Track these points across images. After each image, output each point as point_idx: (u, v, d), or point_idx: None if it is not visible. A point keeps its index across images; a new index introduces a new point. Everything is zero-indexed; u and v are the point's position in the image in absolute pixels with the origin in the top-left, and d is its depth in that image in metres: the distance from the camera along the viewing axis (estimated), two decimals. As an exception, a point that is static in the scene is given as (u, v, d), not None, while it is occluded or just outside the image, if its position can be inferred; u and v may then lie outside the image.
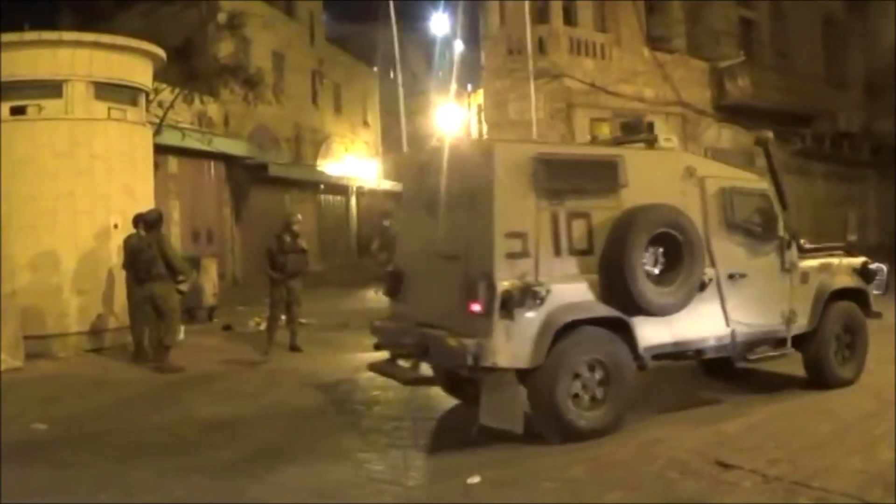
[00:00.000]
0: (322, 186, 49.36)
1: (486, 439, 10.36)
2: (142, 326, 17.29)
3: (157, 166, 22.80)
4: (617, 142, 13.02)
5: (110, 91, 19.36)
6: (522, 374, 10.50)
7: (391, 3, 35.22)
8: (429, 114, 48.23)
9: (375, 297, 19.23)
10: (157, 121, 24.86)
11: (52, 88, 18.80)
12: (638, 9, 35.57)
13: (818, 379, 13.30)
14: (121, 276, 17.83)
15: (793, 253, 13.10)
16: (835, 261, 13.98)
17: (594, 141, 14.27)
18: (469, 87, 37.61)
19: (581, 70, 32.99)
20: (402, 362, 11.74)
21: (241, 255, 37.74)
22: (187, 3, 27.52)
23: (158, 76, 22.40)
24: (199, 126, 30.27)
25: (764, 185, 13.21)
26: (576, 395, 10.70)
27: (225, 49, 29.77)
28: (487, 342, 10.11)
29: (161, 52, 20.66)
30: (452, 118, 37.77)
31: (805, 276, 13.20)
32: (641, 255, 10.97)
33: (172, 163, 32.70)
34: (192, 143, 29.95)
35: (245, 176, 38.47)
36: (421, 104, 55.20)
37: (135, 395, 14.35)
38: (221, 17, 28.44)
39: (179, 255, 17.35)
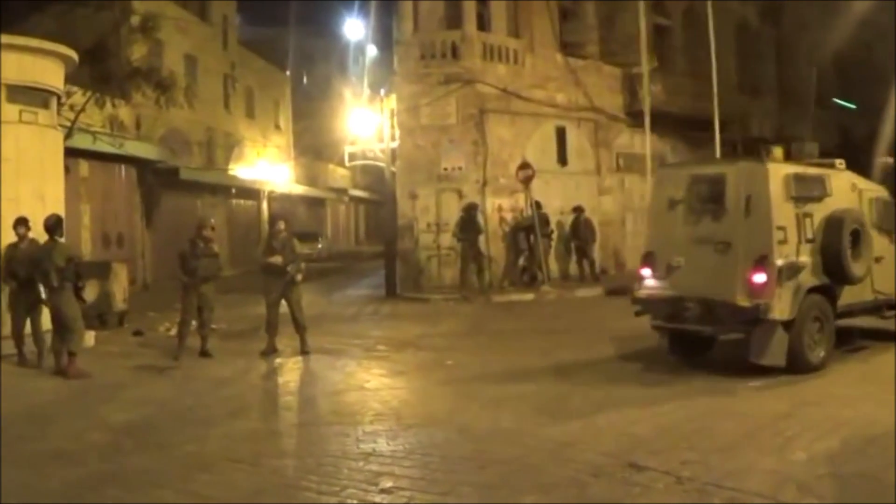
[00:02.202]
0: (234, 191, 49.25)
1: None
2: (22, 333, 17.15)
3: (67, 170, 22.55)
4: (810, 164, 16.66)
5: (21, 93, 19.07)
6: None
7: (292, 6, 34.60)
8: (342, 118, 48.16)
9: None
10: (69, 124, 24.59)
11: (-37, 91, 18.54)
12: (551, 14, 35.66)
13: None
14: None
15: None
16: None
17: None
18: (382, 91, 37.55)
19: (494, 75, 33.04)
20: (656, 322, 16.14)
21: (151, 259, 37.50)
22: (100, 5, 27.20)
23: (70, 79, 22.14)
24: (111, 129, 29.99)
25: (887, 194, 17.74)
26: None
27: (137, 52, 29.50)
28: (769, 302, 14.39)
29: (73, 55, 20.42)
30: (365, 122, 37.69)
31: None
32: (849, 243, 15.29)
33: (83, 166, 32.42)
34: (104, 146, 29.68)
35: (156, 180, 38.23)
36: (334, 108, 55.23)
37: (42, 403, 14.17)
38: (134, 20, 28.14)
39: (63, 261, 16.86)
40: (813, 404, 12.46)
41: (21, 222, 17.11)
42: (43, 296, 16.82)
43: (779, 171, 15.20)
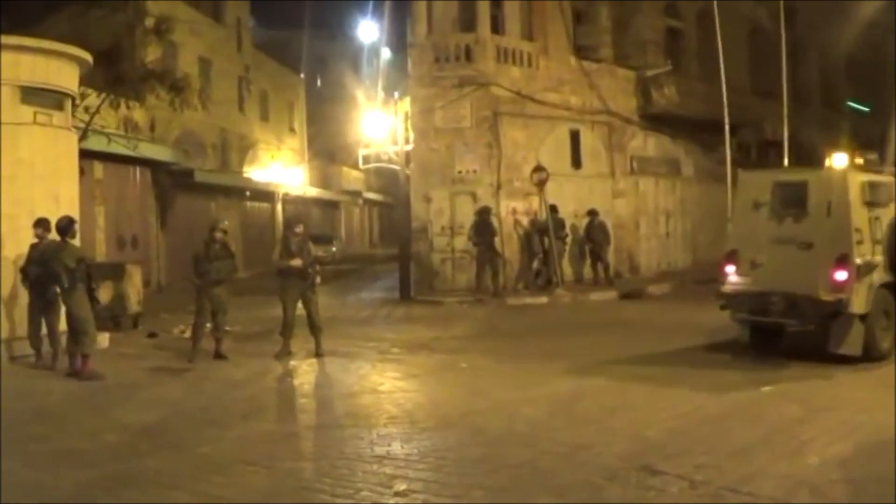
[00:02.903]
0: (248, 193, 49.28)
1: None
2: (38, 334, 17.19)
3: (82, 172, 22.55)
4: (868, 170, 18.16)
5: (36, 95, 19.09)
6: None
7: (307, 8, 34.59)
8: (356, 121, 48.16)
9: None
10: (83, 126, 24.61)
11: (-23, 92, 18.56)
12: (565, 18, 35.60)
13: None
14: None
15: None
16: None
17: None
18: (396, 94, 37.54)
19: (508, 78, 32.99)
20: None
21: (166, 261, 37.53)
22: (115, 7, 27.19)
23: (85, 80, 22.17)
24: (125, 131, 29.98)
25: None
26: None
27: (152, 54, 29.55)
28: (849, 297, 15.88)
29: (88, 57, 20.44)
30: (379, 125, 37.65)
31: None
32: None
33: (98, 168, 32.48)
34: (118, 148, 29.66)
35: (171, 182, 38.27)
36: (348, 111, 55.21)
37: (55, 404, 14.19)
38: (149, 22, 28.15)
39: (74, 262, 16.80)
40: (827, 409, 12.46)
41: (39, 223, 17.13)
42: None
43: (856, 178, 16.81)
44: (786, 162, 32.12)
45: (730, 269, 17.59)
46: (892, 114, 36.52)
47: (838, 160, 19.20)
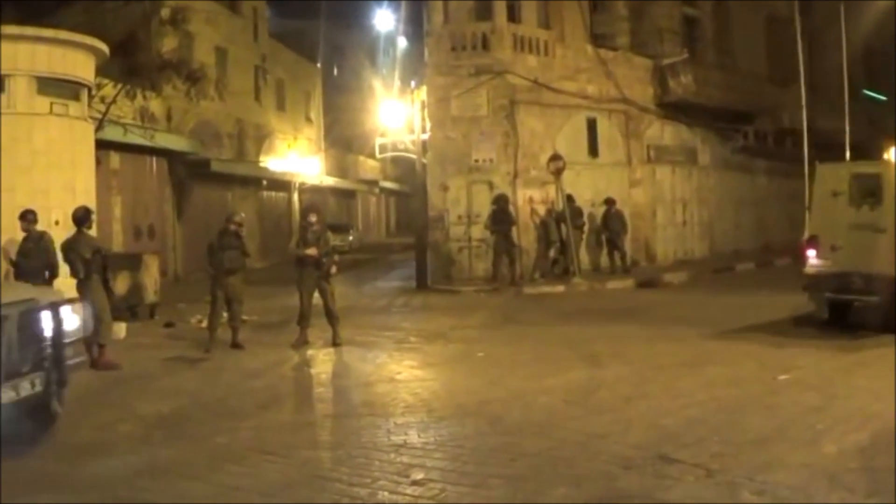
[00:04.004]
0: (265, 183, 49.29)
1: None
2: None
3: (98, 162, 22.65)
4: None
5: (52, 86, 19.18)
6: None
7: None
8: (372, 110, 48.11)
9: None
10: (99, 116, 24.66)
11: (-6, 83, 18.61)
12: (582, 6, 35.51)
13: None
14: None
15: None
16: None
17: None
18: (413, 83, 37.51)
19: (524, 67, 32.93)
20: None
21: (182, 251, 37.57)
22: (130, -3, 27.26)
23: (101, 71, 22.21)
24: (141, 122, 29.98)
25: None
26: None
27: (168, 44, 29.56)
28: None
29: (104, 47, 20.48)
30: (396, 114, 37.60)
31: None
32: None
33: (114, 158, 32.52)
34: (135, 138, 29.74)
35: (187, 172, 38.31)
36: (365, 100, 55.17)
37: (72, 394, 14.16)
38: (165, 12, 28.18)
39: (90, 253, 16.73)
40: (843, 397, 12.43)
41: (24, 215, 16.86)
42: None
43: None
44: (805, 152, 31.87)
45: (811, 252, 19.27)
46: None
47: None
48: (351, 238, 55.70)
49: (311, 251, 18.32)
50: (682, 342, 17.82)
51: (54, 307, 10.74)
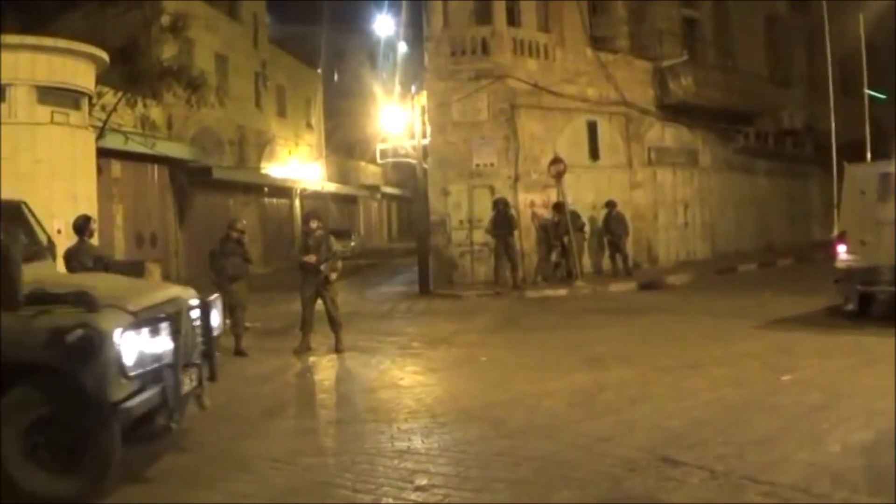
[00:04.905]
0: (266, 189, 49.31)
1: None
2: None
3: (99, 170, 22.64)
4: None
5: (53, 95, 19.20)
6: None
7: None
8: (373, 115, 48.13)
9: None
10: (100, 124, 24.69)
11: (-6, 93, 18.64)
12: (581, 9, 35.52)
13: None
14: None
15: None
16: None
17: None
18: (413, 88, 37.53)
19: (524, 70, 32.93)
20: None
21: (185, 258, 37.59)
22: (130, 4, 27.22)
23: (101, 79, 22.22)
24: (142, 129, 30.01)
25: None
26: None
27: (168, 51, 29.57)
28: None
29: (104, 55, 20.50)
30: (396, 119, 37.60)
31: None
32: None
33: (115, 167, 32.55)
34: (136, 146, 29.78)
35: (188, 179, 38.34)
36: (365, 105, 55.20)
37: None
38: (165, 19, 28.23)
39: (91, 261, 16.66)
40: (847, 396, 12.41)
41: None
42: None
43: None
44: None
45: (841, 248, 20.12)
46: None
47: None
48: (353, 243, 55.68)
49: (310, 258, 18.33)
50: (685, 343, 17.85)
51: (206, 305, 10.89)
